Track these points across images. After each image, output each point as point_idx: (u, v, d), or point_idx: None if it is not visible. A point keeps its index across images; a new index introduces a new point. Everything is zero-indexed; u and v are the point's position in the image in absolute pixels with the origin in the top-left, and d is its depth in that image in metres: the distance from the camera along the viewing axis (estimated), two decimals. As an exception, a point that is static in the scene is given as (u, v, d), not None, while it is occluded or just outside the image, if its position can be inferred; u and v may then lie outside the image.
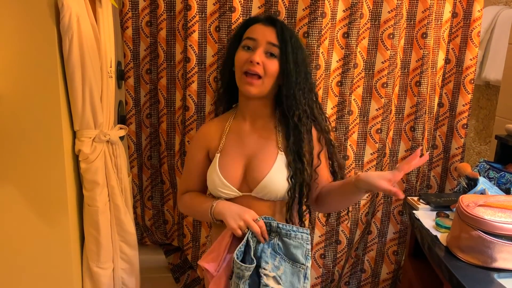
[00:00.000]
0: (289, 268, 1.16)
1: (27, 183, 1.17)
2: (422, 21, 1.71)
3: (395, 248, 1.96)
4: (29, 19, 1.07)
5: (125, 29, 1.68)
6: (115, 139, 1.31)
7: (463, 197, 1.27)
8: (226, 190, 1.21)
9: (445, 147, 1.93)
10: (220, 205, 1.19)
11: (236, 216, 1.15)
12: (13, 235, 1.19)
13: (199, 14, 1.59)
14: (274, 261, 1.14)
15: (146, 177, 1.92)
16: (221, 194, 1.22)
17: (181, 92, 1.71)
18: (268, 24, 1.19)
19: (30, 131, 1.14)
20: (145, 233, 2.00)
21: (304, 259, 1.16)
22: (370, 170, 1.81)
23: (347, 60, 1.69)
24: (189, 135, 1.70)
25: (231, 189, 1.21)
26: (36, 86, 1.11)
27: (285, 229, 1.16)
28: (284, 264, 1.15)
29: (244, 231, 1.15)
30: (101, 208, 1.28)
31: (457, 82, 1.85)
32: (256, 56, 1.13)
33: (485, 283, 1.11)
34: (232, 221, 1.15)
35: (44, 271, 1.23)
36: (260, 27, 1.18)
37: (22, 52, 1.09)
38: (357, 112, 1.77)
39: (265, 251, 1.15)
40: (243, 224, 1.14)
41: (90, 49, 1.15)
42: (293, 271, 1.16)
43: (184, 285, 1.98)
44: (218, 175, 1.20)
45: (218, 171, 1.21)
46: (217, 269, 1.14)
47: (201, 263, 1.17)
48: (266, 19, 1.20)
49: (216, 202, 1.20)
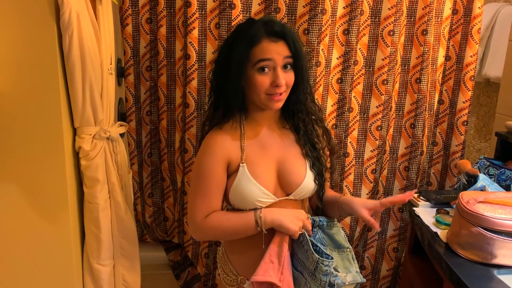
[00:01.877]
0: (337, 256, 1.19)
1: (28, 180, 1.17)
2: (422, 18, 1.71)
3: (395, 245, 1.96)
4: (29, 15, 1.07)
5: (125, 26, 1.68)
6: (115, 136, 1.31)
7: (463, 194, 1.27)
8: (266, 199, 1.16)
9: (445, 144, 1.93)
10: (269, 213, 1.14)
11: (295, 219, 1.13)
12: (14, 232, 1.19)
13: (199, 11, 1.59)
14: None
15: (147, 174, 1.92)
16: (259, 204, 1.16)
17: (181, 89, 1.71)
18: (276, 39, 1.11)
19: (30, 128, 1.13)
20: (145, 230, 2.00)
21: (346, 243, 1.21)
22: (370, 167, 1.81)
23: (348, 57, 1.69)
24: (189, 132, 1.70)
25: (271, 197, 1.17)
26: (36, 83, 1.11)
27: (325, 221, 1.21)
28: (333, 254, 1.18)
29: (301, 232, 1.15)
30: (101, 205, 1.28)
31: (457, 79, 1.85)
32: (281, 80, 1.10)
33: (485, 279, 1.12)
34: (292, 224, 1.12)
35: (44, 268, 1.23)
36: (270, 45, 1.10)
37: (21, 49, 1.09)
38: (357, 109, 1.77)
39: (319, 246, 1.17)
40: (302, 225, 1.14)
41: (90, 46, 1.15)
42: (341, 257, 1.19)
43: (184, 282, 1.98)
44: (257, 186, 1.14)
45: (254, 181, 1.14)
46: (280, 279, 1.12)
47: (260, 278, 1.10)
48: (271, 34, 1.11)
49: (261, 212, 1.14)
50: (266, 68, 1.10)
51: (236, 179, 1.15)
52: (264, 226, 1.13)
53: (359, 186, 1.83)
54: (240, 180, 1.15)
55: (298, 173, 1.20)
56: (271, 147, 1.20)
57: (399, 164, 1.89)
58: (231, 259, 1.25)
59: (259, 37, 1.10)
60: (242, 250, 1.22)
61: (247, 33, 1.12)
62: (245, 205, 1.17)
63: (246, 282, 1.20)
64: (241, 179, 1.15)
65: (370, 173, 1.83)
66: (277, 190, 1.19)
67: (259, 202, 1.15)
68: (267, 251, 1.14)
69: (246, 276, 1.20)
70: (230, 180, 1.17)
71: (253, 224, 1.13)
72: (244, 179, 1.15)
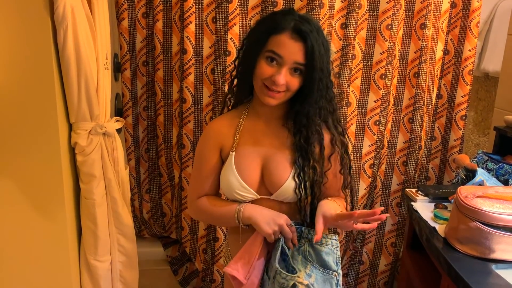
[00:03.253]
0: (321, 275, 1.11)
1: (24, 176, 1.16)
2: (421, 12, 1.70)
3: (393, 240, 1.96)
4: (23, 10, 1.06)
5: (121, 21, 1.66)
6: (111, 131, 1.30)
7: (462, 189, 1.27)
8: (244, 193, 1.14)
9: (444, 138, 1.93)
10: (249, 209, 1.12)
11: (271, 221, 1.10)
12: (10, 229, 1.19)
13: (196, 5, 1.58)
14: (306, 269, 1.10)
15: (144, 170, 1.91)
16: (238, 196, 1.15)
17: (178, 84, 1.70)
18: (297, 39, 1.04)
19: (25, 124, 1.13)
20: (143, 226, 2.00)
21: (335, 266, 1.12)
22: (368, 162, 1.81)
23: (345, 51, 1.68)
24: (187, 128, 1.69)
25: (250, 192, 1.14)
26: (31, 78, 1.10)
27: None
28: (315, 271, 1.11)
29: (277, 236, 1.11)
30: (98, 201, 1.27)
31: (455, 73, 1.84)
32: (281, 79, 1.05)
33: (483, 274, 1.11)
34: (266, 226, 1.09)
35: (41, 265, 1.23)
36: (288, 42, 1.04)
37: (15, 44, 1.07)
38: (355, 103, 1.76)
39: (296, 258, 1.11)
40: (277, 229, 1.10)
41: (85, 41, 1.14)
42: (324, 278, 1.11)
43: (182, 278, 1.98)
44: (236, 177, 1.13)
45: (235, 172, 1.13)
46: (246, 276, 1.10)
47: (228, 270, 1.11)
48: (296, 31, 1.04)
49: (243, 206, 1.13)
50: (274, 61, 1.06)
51: (224, 166, 1.17)
52: (242, 221, 1.13)
53: (357, 181, 1.82)
54: (226, 168, 1.16)
55: (280, 175, 1.14)
56: (262, 143, 1.17)
57: (397, 159, 1.89)
58: (231, 249, 1.26)
59: (284, 29, 1.05)
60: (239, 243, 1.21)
61: (277, 18, 1.08)
62: (227, 194, 1.18)
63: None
64: (227, 168, 1.16)
65: (368, 168, 1.82)
66: (261, 188, 1.16)
67: (237, 194, 1.15)
68: (243, 247, 1.14)
69: None
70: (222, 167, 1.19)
71: (233, 216, 1.13)
72: (228, 168, 1.15)
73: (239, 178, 1.13)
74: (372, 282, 2.03)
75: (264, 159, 1.17)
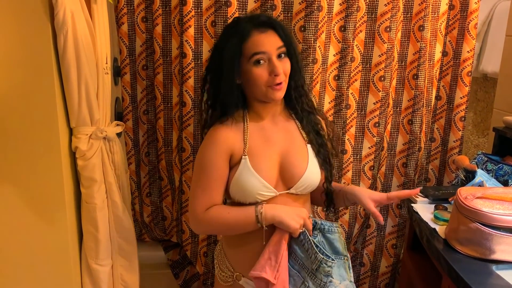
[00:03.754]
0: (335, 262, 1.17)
1: (24, 181, 1.16)
2: (419, 14, 1.70)
3: (394, 241, 1.96)
4: (23, 15, 1.06)
5: (121, 25, 1.67)
6: (112, 135, 1.30)
7: (461, 190, 1.27)
8: (266, 192, 1.15)
9: (443, 140, 1.93)
10: (270, 209, 1.12)
11: (295, 216, 1.12)
12: (11, 233, 1.19)
13: (195, 9, 1.58)
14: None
15: (144, 174, 1.91)
16: (260, 198, 1.15)
17: (177, 88, 1.70)
18: (264, 30, 1.12)
19: (26, 128, 1.13)
20: (144, 229, 2.00)
21: (345, 251, 1.19)
22: (368, 164, 1.81)
23: (344, 53, 1.69)
24: (187, 131, 1.70)
25: (272, 190, 1.16)
26: (31, 83, 1.11)
27: (327, 225, 1.18)
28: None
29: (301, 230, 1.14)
30: (98, 205, 1.27)
31: (454, 75, 1.84)
32: (279, 69, 1.11)
33: (483, 275, 1.11)
34: (293, 222, 1.11)
35: (42, 269, 1.23)
36: (262, 36, 1.11)
37: (16, 48, 1.08)
38: (355, 106, 1.77)
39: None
40: (303, 223, 1.13)
41: (85, 45, 1.15)
42: (338, 264, 1.16)
43: (183, 281, 1.98)
44: (257, 178, 1.13)
45: (255, 173, 1.14)
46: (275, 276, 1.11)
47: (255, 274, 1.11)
48: (259, 24, 1.13)
49: (262, 207, 1.12)
50: (262, 60, 1.11)
51: (238, 171, 1.15)
52: (265, 222, 1.12)
53: (357, 183, 1.83)
54: (241, 172, 1.14)
55: (300, 165, 1.18)
56: (275, 140, 1.19)
57: (397, 161, 1.89)
58: (228, 255, 1.24)
59: (248, 31, 1.12)
60: (240, 246, 1.21)
61: (235, 30, 1.14)
62: (245, 198, 1.16)
63: (242, 279, 1.20)
64: (242, 171, 1.14)
65: (368, 170, 1.82)
66: (278, 184, 1.18)
67: (259, 195, 1.14)
68: (266, 248, 1.13)
69: (242, 273, 1.20)
70: (231, 172, 1.17)
71: (253, 220, 1.12)
72: (245, 172, 1.14)
73: (261, 179, 1.14)
74: (373, 284, 2.03)
75: (281, 155, 1.19)
